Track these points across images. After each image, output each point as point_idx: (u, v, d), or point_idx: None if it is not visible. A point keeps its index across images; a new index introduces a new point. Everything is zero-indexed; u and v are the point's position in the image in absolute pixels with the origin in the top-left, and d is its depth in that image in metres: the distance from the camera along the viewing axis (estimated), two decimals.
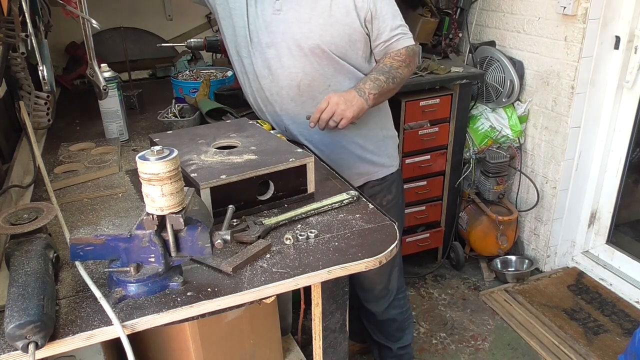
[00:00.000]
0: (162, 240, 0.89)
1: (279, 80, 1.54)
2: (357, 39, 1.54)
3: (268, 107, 1.62)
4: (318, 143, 1.62)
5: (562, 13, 2.32)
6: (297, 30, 1.49)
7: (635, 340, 1.78)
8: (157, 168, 0.82)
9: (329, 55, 1.51)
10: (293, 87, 1.54)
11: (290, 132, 1.62)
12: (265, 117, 1.65)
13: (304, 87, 1.54)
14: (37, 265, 0.88)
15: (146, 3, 2.54)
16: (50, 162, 1.46)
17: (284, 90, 1.55)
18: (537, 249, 2.81)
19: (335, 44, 1.51)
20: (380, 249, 1.04)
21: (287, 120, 1.60)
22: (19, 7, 1.28)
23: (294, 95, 1.55)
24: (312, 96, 1.55)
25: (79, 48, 2.33)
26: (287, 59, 1.51)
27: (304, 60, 1.51)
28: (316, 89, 1.55)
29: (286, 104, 1.57)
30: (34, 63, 1.46)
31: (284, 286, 0.95)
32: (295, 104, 1.57)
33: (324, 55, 1.51)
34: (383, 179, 1.77)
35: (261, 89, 1.59)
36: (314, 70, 1.53)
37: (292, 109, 1.57)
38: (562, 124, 2.48)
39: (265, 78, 1.56)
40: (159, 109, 1.81)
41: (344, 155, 1.66)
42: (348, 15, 1.50)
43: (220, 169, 1.15)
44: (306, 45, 1.49)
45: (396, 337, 2.04)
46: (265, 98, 1.60)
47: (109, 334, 0.84)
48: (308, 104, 1.56)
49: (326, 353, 1.25)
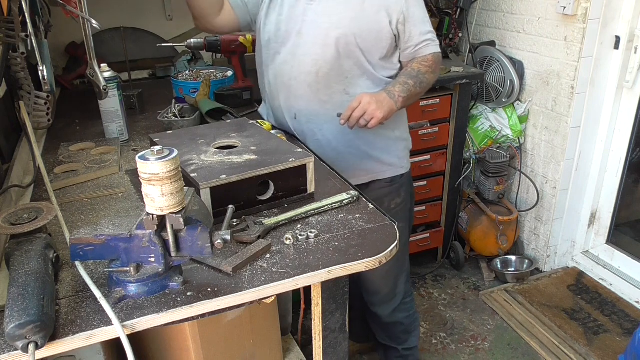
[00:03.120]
0: (162, 240, 0.89)
1: (300, 66, 1.58)
2: (383, 38, 1.57)
3: (283, 92, 1.64)
4: (327, 132, 1.63)
5: (562, 13, 2.32)
6: (326, 20, 1.54)
7: (635, 340, 1.78)
8: (157, 168, 0.82)
9: (352, 47, 1.55)
10: (312, 74, 1.57)
11: (299, 120, 1.64)
12: (277, 103, 1.67)
13: (322, 74, 1.57)
14: (37, 265, 0.88)
15: (146, 3, 2.54)
16: (50, 162, 1.46)
17: (302, 75, 1.59)
18: (537, 249, 2.81)
19: (362, 37, 1.54)
20: (380, 249, 1.04)
21: (299, 105, 1.63)
22: (19, 7, 1.28)
23: (311, 82, 1.59)
24: (328, 85, 1.59)
25: (79, 48, 2.33)
26: (312, 46, 1.56)
27: (327, 49, 1.55)
28: (333, 78, 1.58)
29: (302, 89, 1.60)
30: (34, 63, 1.46)
31: (284, 286, 0.95)
32: (310, 90, 1.60)
33: (347, 46, 1.54)
34: (392, 181, 1.76)
35: (280, 74, 1.63)
36: (334, 60, 1.56)
37: (306, 95, 1.61)
38: (562, 124, 2.48)
39: (287, 63, 1.60)
40: (159, 109, 1.81)
41: (351, 149, 1.67)
42: (378, 14, 1.54)
43: (220, 169, 1.15)
44: (334, 34, 1.53)
45: (402, 340, 2.04)
46: (282, 83, 1.63)
47: (109, 334, 0.84)
48: (322, 92, 1.60)
49: (326, 353, 1.25)
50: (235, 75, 2.05)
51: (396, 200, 1.79)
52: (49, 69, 1.51)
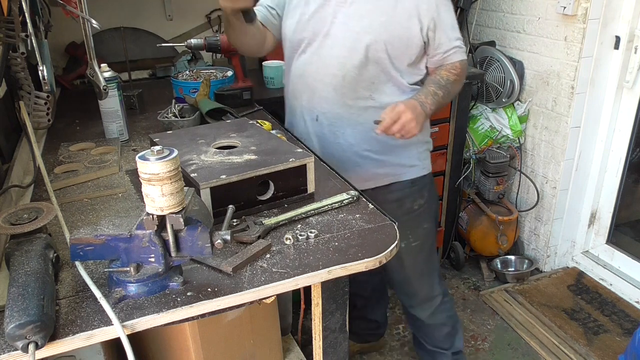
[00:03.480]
0: (162, 240, 0.89)
1: (326, 68, 1.56)
2: (413, 45, 1.54)
3: (306, 92, 1.62)
4: (349, 136, 1.62)
5: (562, 13, 2.32)
6: (356, 24, 1.51)
7: (635, 340, 1.78)
8: (157, 168, 0.82)
9: (381, 54, 1.52)
10: (338, 77, 1.55)
11: (320, 122, 1.62)
12: (298, 102, 1.66)
13: (349, 79, 1.55)
14: (37, 265, 0.88)
15: (146, 3, 2.54)
16: (50, 162, 1.46)
17: (327, 78, 1.56)
18: (537, 249, 2.81)
19: (392, 44, 1.51)
20: (380, 249, 1.04)
21: (322, 107, 1.61)
22: (19, 7, 1.28)
23: (337, 85, 1.56)
24: (354, 89, 1.57)
25: (79, 48, 2.33)
26: (340, 49, 1.53)
27: (356, 54, 1.52)
28: (360, 83, 1.56)
29: (326, 91, 1.58)
30: (34, 63, 1.46)
31: (284, 286, 0.95)
32: (335, 93, 1.57)
33: (376, 52, 1.51)
34: (413, 182, 1.73)
35: (304, 74, 1.61)
36: (362, 65, 1.53)
37: (331, 97, 1.58)
38: (562, 124, 2.48)
39: (312, 64, 1.58)
40: (159, 109, 1.81)
41: (372, 152, 1.64)
42: (410, 20, 1.50)
43: (220, 169, 1.15)
44: (364, 40, 1.50)
45: (449, 343, 1.96)
46: (306, 83, 1.61)
47: (109, 334, 0.84)
48: (348, 96, 1.58)
49: (326, 353, 1.25)
50: (235, 75, 2.05)
51: (419, 202, 1.76)
52: (49, 69, 1.51)
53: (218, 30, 2.71)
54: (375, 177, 1.66)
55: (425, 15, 1.51)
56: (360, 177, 1.61)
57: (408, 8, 1.50)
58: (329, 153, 1.61)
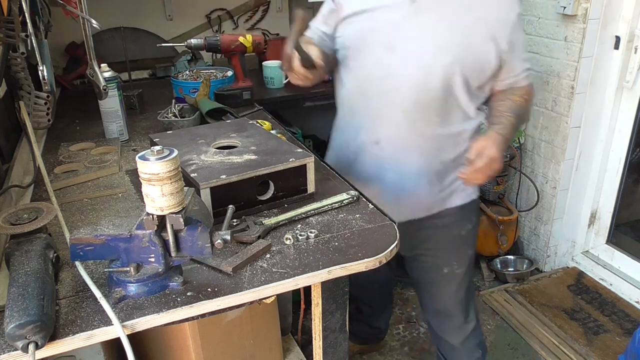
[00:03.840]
0: (162, 240, 0.89)
1: (395, 89, 1.38)
2: (487, 68, 1.39)
3: (368, 112, 1.45)
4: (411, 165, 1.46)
5: (562, 13, 2.32)
6: (431, 41, 1.35)
7: (635, 340, 1.78)
8: (157, 168, 0.82)
9: (457, 77, 1.35)
10: (409, 100, 1.37)
11: (381, 146, 1.45)
12: (356, 122, 1.49)
13: (422, 103, 1.38)
14: (37, 265, 0.88)
15: (146, 3, 2.54)
16: (50, 162, 1.46)
17: (397, 99, 1.39)
18: (537, 249, 2.81)
19: (468, 68, 1.36)
20: (380, 249, 1.04)
21: (386, 131, 1.43)
22: (19, 7, 1.28)
23: (408, 109, 1.38)
24: (427, 116, 1.40)
25: (79, 48, 2.33)
26: (414, 68, 1.35)
27: (433, 76, 1.34)
28: (433, 110, 1.39)
29: (394, 114, 1.40)
30: (34, 63, 1.46)
31: (284, 286, 0.95)
32: (405, 117, 1.39)
33: (454, 75, 1.35)
34: (462, 207, 1.58)
35: (365, 92, 1.44)
36: (438, 90, 1.36)
37: (398, 122, 1.40)
38: (562, 124, 2.48)
39: (376, 82, 1.41)
40: (159, 109, 1.81)
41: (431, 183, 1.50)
42: (486, 42, 1.35)
43: (220, 169, 1.15)
44: (441, 60, 1.33)
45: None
46: (368, 103, 1.44)
47: (109, 334, 0.84)
48: (419, 122, 1.40)
49: (326, 353, 1.25)
50: (235, 75, 2.05)
51: (467, 227, 1.62)
52: (49, 69, 1.51)
53: (218, 30, 2.71)
54: (430, 206, 1.54)
55: (502, 37, 1.36)
56: (411, 206, 1.51)
57: (485, 29, 1.35)
58: (385, 179, 1.47)
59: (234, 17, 2.73)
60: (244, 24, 2.77)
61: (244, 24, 2.77)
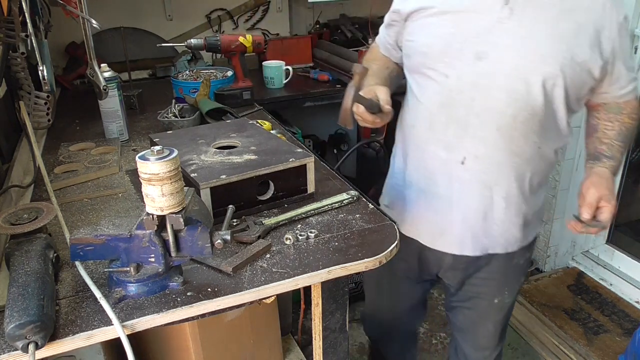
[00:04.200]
0: (162, 240, 0.89)
1: (488, 101, 1.20)
2: (589, 80, 1.21)
3: (453, 127, 1.25)
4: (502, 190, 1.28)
5: None
6: (529, 50, 1.16)
7: (635, 340, 1.78)
8: (157, 168, 0.82)
9: (559, 90, 1.18)
10: (506, 116, 1.19)
11: (467, 166, 1.25)
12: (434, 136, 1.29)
13: (522, 120, 1.20)
14: (37, 265, 0.88)
15: (146, 3, 2.54)
16: (50, 162, 1.46)
17: (490, 114, 1.20)
18: (537, 249, 2.81)
19: (571, 80, 1.18)
20: (380, 249, 1.04)
21: (477, 149, 1.24)
22: (19, 7, 1.28)
23: (504, 126, 1.20)
24: (525, 134, 1.22)
25: (79, 48, 2.33)
26: (510, 80, 1.18)
27: (533, 89, 1.17)
28: (532, 126, 1.21)
29: (487, 131, 1.22)
30: (34, 63, 1.47)
31: (284, 286, 0.95)
32: (500, 135, 1.21)
33: (555, 88, 1.18)
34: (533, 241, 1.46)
35: (450, 104, 1.24)
36: (539, 103, 1.18)
37: (492, 139, 1.22)
38: None
39: (464, 93, 1.22)
40: (159, 109, 1.81)
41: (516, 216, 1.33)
42: (592, 50, 1.17)
43: (220, 169, 1.15)
44: (542, 71, 1.16)
45: None
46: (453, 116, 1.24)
47: (109, 334, 0.84)
48: (517, 141, 1.22)
49: (326, 353, 1.25)
50: (235, 75, 2.05)
51: (526, 255, 1.47)
52: (49, 69, 1.51)
53: (218, 30, 2.71)
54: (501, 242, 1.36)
55: (608, 43, 1.18)
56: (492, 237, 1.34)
57: (589, 35, 1.16)
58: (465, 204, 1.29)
59: (234, 17, 2.73)
60: (244, 24, 2.77)
61: (244, 24, 2.77)
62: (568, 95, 1.20)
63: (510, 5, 1.16)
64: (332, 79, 2.44)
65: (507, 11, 1.16)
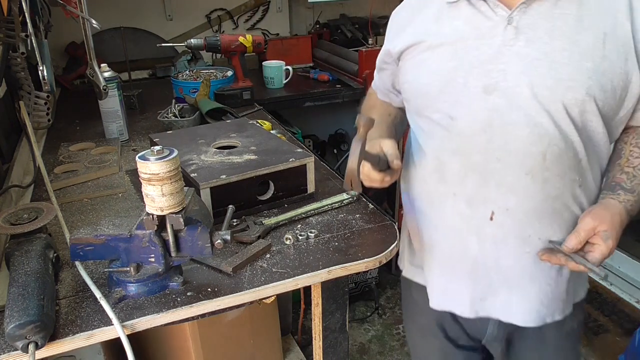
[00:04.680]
0: (162, 240, 0.89)
1: (510, 142, 0.97)
2: (630, 97, 0.96)
3: (473, 177, 1.01)
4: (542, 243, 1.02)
5: None
6: (546, 72, 0.94)
7: (635, 340, 1.78)
8: (157, 168, 0.82)
9: (591, 115, 0.96)
10: (534, 155, 0.96)
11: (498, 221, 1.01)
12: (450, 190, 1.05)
13: (552, 157, 0.97)
14: (37, 265, 0.88)
15: (146, 3, 2.54)
16: (50, 162, 1.46)
17: (515, 156, 0.97)
18: None
19: (607, 103, 0.95)
20: (380, 249, 1.04)
21: (507, 200, 1.00)
22: (19, 7, 1.28)
23: (534, 167, 0.97)
24: (561, 172, 0.98)
25: (79, 48, 2.33)
26: (530, 112, 0.95)
27: (559, 118, 0.95)
28: (567, 162, 0.98)
29: (514, 176, 0.98)
30: (34, 63, 1.47)
31: (284, 286, 0.95)
32: (532, 179, 0.98)
33: (585, 114, 0.95)
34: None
35: (465, 151, 1.01)
36: (566, 135, 0.96)
37: (522, 185, 0.98)
38: None
39: (477, 135, 0.99)
40: (159, 109, 1.81)
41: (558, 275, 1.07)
42: (627, 59, 0.93)
43: (220, 169, 1.15)
44: (565, 98, 0.93)
45: None
46: (470, 164, 1.01)
47: (109, 334, 0.84)
48: (552, 182, 0.98)
49: (326, 353, 1.25)
50: (235, 75, 2.05)
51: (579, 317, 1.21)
52: (49, 69, 1.51)
53: (218, 30, 2.71)
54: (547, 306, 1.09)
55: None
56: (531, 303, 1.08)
57: (621, 42, 0.93)
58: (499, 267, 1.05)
59: (234, 17, 2.73)
60: (244, 24, 2.77)
61: (244, 24, 2.77)
62: (607, 119, 0.98)
63: (515, 23, 0.95)
64: (332, 79, 2.44)
65: (511, 31, 0.95)
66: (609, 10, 0.94)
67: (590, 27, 0.93)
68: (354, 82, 2.36)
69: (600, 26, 0.93)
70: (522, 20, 0.95)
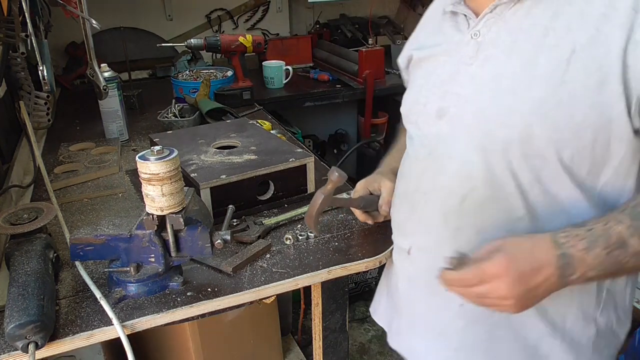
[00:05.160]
0: (162, 240, 0.89)
1: (438, 175, 0.83)
2: (609, 138, 0.72)
3: (404, 205, 0.93)
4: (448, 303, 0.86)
5: None
6: (489, 100, 0.77)
7: (635, 340, 1.78)
8: (157, 168, 0.82)
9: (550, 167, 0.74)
10: (454, 195, 0.81)
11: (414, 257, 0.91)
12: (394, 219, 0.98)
13: (471, 204, 0.80)
14: (37, 265, 0.88)
15: (146, 3, 2.54)
16: (50, 162, 1.46)
17: (437, 193, 0.84)
18: None
19: (563, 142, 0.72)
20: (380, 249, 1.04)
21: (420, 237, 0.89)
22: (19, 7, 1.28)
23: (450, 210, 0.82)
24: (480, 228, 0.80)
25: (79, 48, 2.33)
26: (464, 145, 0.80)
27: (489, 159, 0.77)
28: (493, 216, 0.79)
29: (433, 215, 0.85)
30: (34, 63, 1.47)
31: (284, 286, 0.95)
32: (445, 223, 0.83)
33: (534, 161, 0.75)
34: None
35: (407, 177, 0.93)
36: (498, 182, 0.77)
37: (437, 228, 0.84)
38: None
39: (420, 162, 0.89)
40: (159, 109, 1.81)
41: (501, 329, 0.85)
42: (602, 85, 0.69)
43: (220, 169, 1.15)
44: (502, 134, 0.75)
45: None
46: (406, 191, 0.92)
47: (109, 334, 0.84)
48: (467, 235, 0.81)
49: (326, 353, 1.25)
50: (235, 75, 2.05)
51: None
52: (49, 69, 1.51)
53: (218, 30, 2.71)
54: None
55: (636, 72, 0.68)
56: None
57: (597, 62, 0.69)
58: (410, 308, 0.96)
59: (234, 17, 2.73)
60: (244, 24, 2.77)
61: (244, 24, 2.77)
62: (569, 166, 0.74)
63: (481, 37, 0.79)
64: (332, 79, 2.44)
65: (473, 47, 0.80)
66: (589, 18, 0.70)
67: (556, 43, 0.72)
68: (354, 82, 2.36)
69: (569, 41, 0.71)
70: (488, 35, 0.79)
